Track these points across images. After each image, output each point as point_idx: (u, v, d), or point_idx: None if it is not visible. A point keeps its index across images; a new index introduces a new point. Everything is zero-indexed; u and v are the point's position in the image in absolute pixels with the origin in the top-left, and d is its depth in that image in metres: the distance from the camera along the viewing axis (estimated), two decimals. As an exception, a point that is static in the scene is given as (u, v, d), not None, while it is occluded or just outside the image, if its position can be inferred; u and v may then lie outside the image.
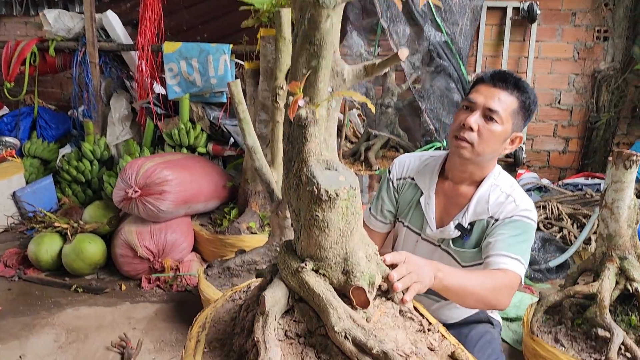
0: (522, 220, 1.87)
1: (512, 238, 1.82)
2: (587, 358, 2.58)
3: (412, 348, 1.25)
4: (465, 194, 1.99)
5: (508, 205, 1.89)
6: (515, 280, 1.75)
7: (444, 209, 2.03)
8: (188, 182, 3.84)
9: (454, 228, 1.97)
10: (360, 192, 1.23)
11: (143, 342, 2.99)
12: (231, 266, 3.23)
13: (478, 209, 1.94)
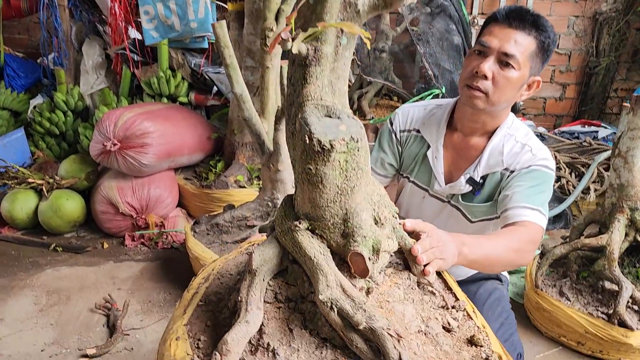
0: (541, 170, 1.71)
1: (530, 189, 1.67)
2: (593, 312, 2.50)
3: (420, 326, 1.10)
4: (477, 145, 1.82)
5: (524, 155, 1.74)
6: (538, 232, 1.60)
7: (453, 163, 1.86)
8: (170, 134, 3.60)
9: (465, 183, 1.81)
10: (367, 146, 1.03)
11: (129, 303, 2.83)
12: (220, 222, 3.05)
13: (491, 161, 1.78)
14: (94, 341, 2.57)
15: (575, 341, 2.54)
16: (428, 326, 1.11)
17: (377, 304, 1.11)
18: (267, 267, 1.13)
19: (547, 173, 1.72)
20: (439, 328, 1.11)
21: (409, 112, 1.98)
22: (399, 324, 1.09)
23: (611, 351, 2.45)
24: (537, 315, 2.71)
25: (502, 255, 1.50)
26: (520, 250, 1.54)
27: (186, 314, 1.20)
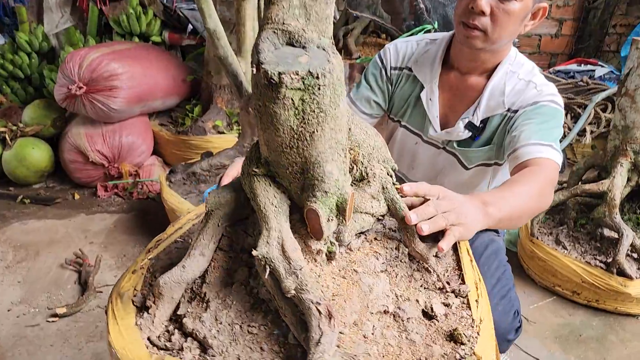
0: (549, 105, 1.51)
1: (540, 125, 1.47)
2: (591, 260, 2.38)
3: (387, 307, 0.92)
4: (476, 85, 1.62)
5: (529, 92, 1.54)
6: (554, 170, 1.41)
7: (449, 106, 1.67)
8: (141, 76, 3.33)
9: (464, 128, 1.62)
10: (340, 86, 0.82)
11: (102, 258, 2.66)
12: (197, 171, 2.86)
13: (492, 102, 1.59)
14: (64, 299, 2.42)
15: (571, 291, 2.44)
16: (400, 308, 0.93)
17: (338, 272, 0.94)
18: (223, 211, 1.00)
19: (556, 109, 1.52)
20: (415, 312, 0.93)
21: (402, 47, 1.76)
22: (356, 300, 0.91)
23: (608, 300, 2.35)
24: (531, 265, 2.59)
25: (526, 206, 1.30)
26: (542, 194, 1.34)
27: (157, 249, 1.14)
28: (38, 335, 2.20)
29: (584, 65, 4.56)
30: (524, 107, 1.53)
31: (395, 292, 0.95)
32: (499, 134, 1.60)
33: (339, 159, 0.90)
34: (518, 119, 1.53)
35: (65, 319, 2.28)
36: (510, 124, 1.55)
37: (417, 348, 0.88)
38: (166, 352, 0.91)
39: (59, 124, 3.46)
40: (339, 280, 0.93)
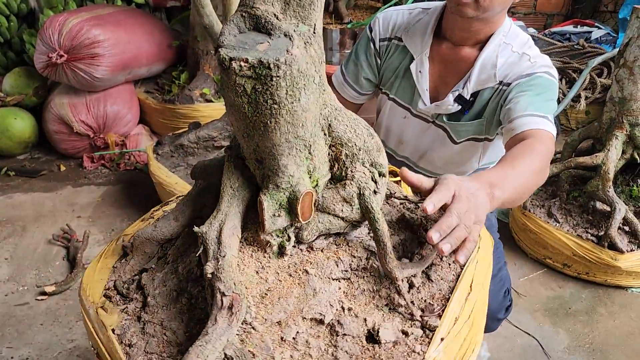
0: (544, 76, 1.45)
1: (536, 96, 1.42)
2: (582, 234, 2.38)
3: (323, 315, 0.86)
4: (468, 57, 1.55)
5: (523, 64, 1.48)
6: (551, 142, 1.35)
7: (439, 78, 1.61)
8: (125, 43, 3.21)
9: (453, 101, 1.57)
10: (304, 79, 0.77)
11: (90, 233, 2.62)
12: (185, 143, 2.79)
13: (483, 75, 1.52)
14: (53, 276, 2.40)
15: (561, 263, 2.44)
16: (340, 322, 0.86)
17: (287, 268, 0.91)
18: (207, 183, 1.04)
19: (552, 80, 1.46)
20: (356, 331, 0.86)
21: (391, 17, 1.67)
22: (293, 301, 0.86)
23: (598, 273, 2.36)
24: (522, 237, 2.59)
25: (529, 183, 1.25)
26: (542, 169, 1.29)
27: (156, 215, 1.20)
28: (27, 314, 2.18)
29: (580, 26, 4.45)
30: (517, 80, 1.47)
31: (343, 304, 0.88)
32: (489, 108, 1.55)
33: (298, 154, 0.86)
34: (512, 91, 1.47)
35: (54, 297, 2.27)
36: (504, 97, 1.50)
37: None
38: (119, 297, 0.98)
39: (40, 93, 3.36)
40: (283, 277, 0.90)
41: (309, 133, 0.84)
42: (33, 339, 2.06)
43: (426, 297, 0.92)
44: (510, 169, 1.22)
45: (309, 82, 0.78)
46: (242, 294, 0.82)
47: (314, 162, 0.89)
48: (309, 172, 0.90)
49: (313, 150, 0.87)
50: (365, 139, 0.92)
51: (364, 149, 0.91)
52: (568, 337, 2.14)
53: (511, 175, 1.20)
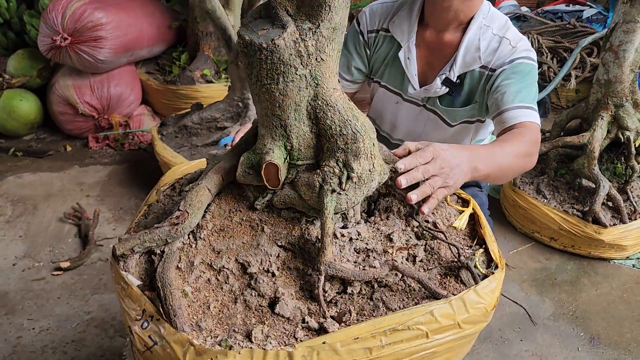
0: (525, 62, 1.58)
1: (519, 85, 1.55)
2: (568, 209, 2.52)
3: (247, 262, 1.02)
4: (451, 41, 1.66)
5: (504, 49, 1.59)
6: (537, 131, 1.51)
7: (427, 63, 1.71)
8: (126, 25, 3.27)
9: (441, 84, 1.67)
10: (284, 67, 0.92)
11: (100, 212, 2.74)
12: (188, 124, 2.89)
13: (467, 57, 1.63)
14: (67, 253, 2.51)
15: (549, 237, 2.59)
16: (258, 279, 1.00)
17: (250, 220, 1.09)
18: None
19: (531, 64, 1.59)
20: (265, 290, 0.98)
21: (377, 10, 1.78)
22: (236, 244, 1.06)
23: (582, 246, 2.51)
24: (512, 212, 2.73)
25: (513, 163, 1.40)
26: (528, 154, 1.45)
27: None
28: (44, 288, 2.31)
29: (572, 5, 4.54)
30: (501, 66, 1.58)
31: (271, 267, 1.01)
32: (480, 92, 1.66)
33: (274, 129, 0.99)
34: (497, 78, 1.58)
35: (69, 273, 2.39)
36: (490, 84, 1.61)
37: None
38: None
39: (44, 75, 3.43)
40: (244, 224, 1.09)
41: (285, 114, 0.97)
42: (51, 312, 2.18)
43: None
44: (499, 149, 1.38)
45: (290, 72, 0.91)
46: (193, 214, 1.01)
47: (291, 142, 1.00)
48: (287, 150, 1.01)
49: (290, 131, 0.99)
50: (349, 141, 0.97)
51: (343, 149, 0.98)
52: (553, 306, 2.29)
53: (498, 154, 1.36)
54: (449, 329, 0.93)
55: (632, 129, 2.43)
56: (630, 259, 2.53)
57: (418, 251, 1.07)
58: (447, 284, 1.03)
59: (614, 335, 2.13)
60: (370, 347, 0.88)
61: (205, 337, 0.91)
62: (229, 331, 0.93)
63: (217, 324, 0.94)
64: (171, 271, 0.98)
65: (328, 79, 0.95)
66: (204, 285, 1.00)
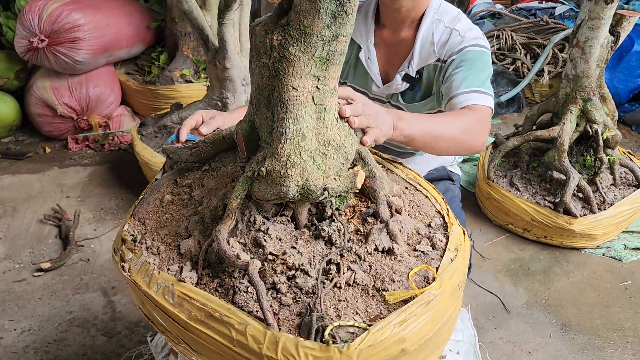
0: (472, 50, 1.62)
1: (467, 71, 1.58)
2: (540, 201, 2.59)
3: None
4: (407, 39, 1.71)
5: (453, 39, 1.64)
6: (485, 113, 1.52)
7: (387, 61, 1.77)
8: (104, 26, 3.28)
9: (402, 80, 1.73)
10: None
11: (81, 213, 2.75)
12: (168, 124, 2.91)
13: (424, 53, 1.68)
14: (47, 254, 2.53)
15: (522, 228, 2.66)
16: (193, 251, 1.10)
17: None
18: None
19: (481, 51, 1.63)
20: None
21: None
22: (206, 197, 1.19)
23: (555, 236, 2.58)
24: (487, 205, 2.80)
25: (447, 133, 1.41)
26: (468, 130, 1.45)
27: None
28: (26, 289, 2.32)
29: (545, 2, 4.63)
30: (451, 57, 1.63)
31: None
32: (436, 84, 1.71)
33: (250, 107, 1.07)
34: (448, 68, 1.63)
35: (50, 273, 2.40)
36: (442, 74, 1.66)
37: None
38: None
39: (22, 77, 3.42)
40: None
41: (254, 94, 1.05)
42: (33, 312, 2.20)
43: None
44: (428, 118, 1.43)
45: (257, 56, 1.00)
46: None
47: (257, 122, 1.06)
48: (254, 127, 1.08)
49: (257, 111, 1.05)
50: (275, 139, 1.03)
51: (270, 144, 1.04)
52: (527, 295, 2.36)
53: (425, 122, 1.39)
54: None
55: (600, 122, 2.51)
56: (600, 247, 2.61)
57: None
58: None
59: (584, 321, 2.21)
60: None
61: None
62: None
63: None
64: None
65: (290, 77, 0.98)
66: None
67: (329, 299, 0.97)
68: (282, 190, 1.00)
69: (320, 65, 0.99)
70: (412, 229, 1.11)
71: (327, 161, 1.03)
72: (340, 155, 1.04)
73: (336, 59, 1.00)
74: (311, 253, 1.04)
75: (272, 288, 0.99)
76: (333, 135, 1.04)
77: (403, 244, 1.06)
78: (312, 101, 1.01)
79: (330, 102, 1.04)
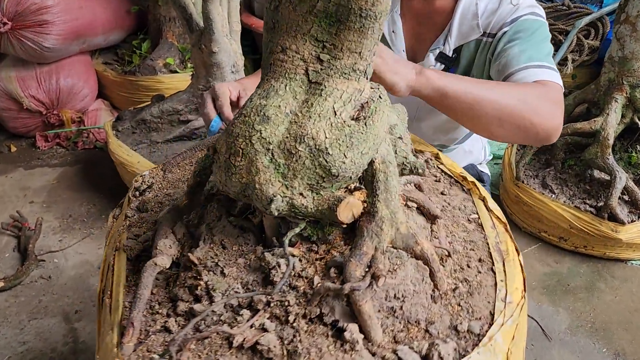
0: (529, 18, 1.29)
1: (525, 43, 1.25)
2: (580, 205, 2.23)
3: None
4: (443, 8, 1.37)
5: (504, 8, 1.31)
6: (557, 90, 1.18)
7: (416, 36, 1.43)
8: (77, 8, 2.91)
9: (435, 60, 1.40)
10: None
11: (44, 221, 2.37)
12: (147, 118, 2.54)
13: (464, 27, 1.35)
14: (2, 270, 2.16)
15: (557, 237, 2.29)
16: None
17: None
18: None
19: (538, 20, 1.30)
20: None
21: None
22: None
23: (596, 246, 2.22)
24: (515, 210, 2.43)
25: (500, 101, 1.08)
26: (533, 103, 1.10)
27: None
28: (-27, 314, 1.94)
29: (564, -14, 4.27)
30: (501, 28, 1.30)
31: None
32: (477, 64, 1.39)
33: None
34: (500, 43, 1.30)
35: (3, 294, 2.03)
36: (491, 51, 1.34)
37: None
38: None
39: (-16, 66, 3.03)
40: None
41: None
42: (-21, 342, 1.83)
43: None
44: (474, 80, 1.17)
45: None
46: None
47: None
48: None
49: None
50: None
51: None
52: (569, 317, 1.99)
53: (469, 80, 1.12)
54: None
55: (650, 112, 2.15)
56: (650, 259, 2.25)
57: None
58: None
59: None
60: None
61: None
62: None
63: None
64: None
65: (282, 32, 0.71)
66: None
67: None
68: (225, 183, 0.71)
69: (325, 26, 0.67)
70: (415, 309, 0.69)
71: (292, 164, 0.68)
72: (318, 165, 0.67)
73: (354, 22, 0.66)
74: (237, 281, 0.72)
75: (169, 301, 0.73)
76: (318, 134, 0.67)
77: (379, 334, 0.65)
78: (304, 74, 0.70)
79: (338, 87, 0.69)
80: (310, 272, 0.70)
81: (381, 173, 0.71)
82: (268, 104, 0.68)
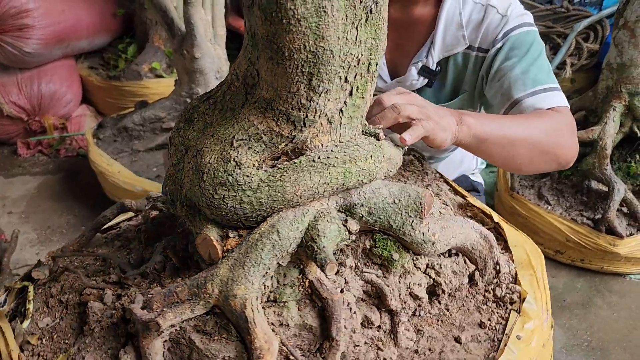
0: (522, 30, 1.23)
1: (523, 62, 1.21)
2: (577, 217, 2.15)
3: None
4: (424, 17, 1.29)
5: (491, 20, 1.24)
6: (569, 115, 1.19)
7: (396, 48, 1.35)
8: (59, 12, 2.84)
9: (417, 74, 1.31)
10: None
11: (21, 232, 2.28)
12: (129, 125, 2.47)
13: (448, 38, 1.27)
14: (-25, 285, 2.07)
15: (554, 250, 2.21)
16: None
17: None
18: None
19: (530, 31, 1.24)
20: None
21: None
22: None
23: (594, 260, 2.14)
24: (510, 221, 2.30)
25: (529, 138, 1.08)
26: (554, 135, 1.11)
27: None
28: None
29: (562, -12, 4.19)
30: (494, 45, 1.24)
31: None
32: (468, 81, 1.31)
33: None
34: (495, 61, 1.24)
35: (-26, 312, 1.94)
36: (486, 68, 1.27)
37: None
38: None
39: (-36, 72, 2.96)
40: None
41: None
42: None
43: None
44: (500, 117, 1.13)
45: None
46: None
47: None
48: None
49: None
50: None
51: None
52: (564, 335, 1.91)
53: (499, 119, 1.10)
54: None
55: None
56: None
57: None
58: None
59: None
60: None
61: None
62: None
63: None
64: None
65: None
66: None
67: None
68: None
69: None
70: None
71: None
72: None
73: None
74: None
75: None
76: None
77: None
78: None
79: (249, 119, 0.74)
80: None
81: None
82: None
